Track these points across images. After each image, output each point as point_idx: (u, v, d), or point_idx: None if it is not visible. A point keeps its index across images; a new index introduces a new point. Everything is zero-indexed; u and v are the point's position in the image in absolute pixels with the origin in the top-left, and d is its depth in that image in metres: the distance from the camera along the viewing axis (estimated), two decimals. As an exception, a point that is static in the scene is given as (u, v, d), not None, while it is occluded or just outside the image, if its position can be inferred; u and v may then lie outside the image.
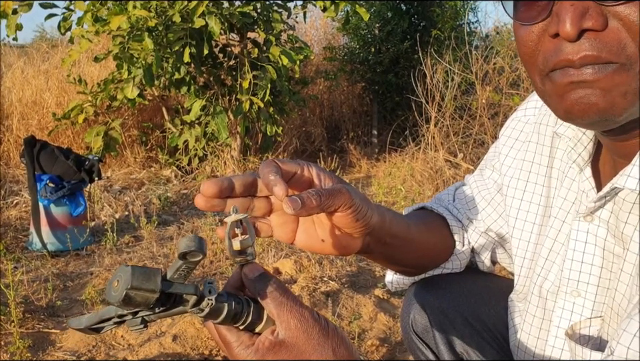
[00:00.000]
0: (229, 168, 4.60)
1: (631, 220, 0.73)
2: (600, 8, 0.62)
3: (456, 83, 4.69)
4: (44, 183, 3.07)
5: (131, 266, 0.57)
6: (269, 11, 4.49)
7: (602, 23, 0.62)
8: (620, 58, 0.62)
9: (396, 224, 0.88)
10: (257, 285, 0.66)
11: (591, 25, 0.62)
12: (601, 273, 0.80)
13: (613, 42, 0.62)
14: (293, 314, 0.64)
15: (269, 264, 2.79)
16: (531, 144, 0.95)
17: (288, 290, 0.66)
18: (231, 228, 0.66)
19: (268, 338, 0.64)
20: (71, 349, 2.09)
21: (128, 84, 4.29)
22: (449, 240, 1.04)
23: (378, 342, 2.10)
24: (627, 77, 0.63)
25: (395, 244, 0.89)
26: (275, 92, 4.69)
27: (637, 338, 0.61)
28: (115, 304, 0.58)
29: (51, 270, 2.80)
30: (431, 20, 6.15)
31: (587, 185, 0.81)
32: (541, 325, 0.90)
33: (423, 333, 1.08)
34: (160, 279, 0.58)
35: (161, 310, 0.61)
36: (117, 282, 0.57)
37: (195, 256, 0.59)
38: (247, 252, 0.67)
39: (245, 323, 0.66)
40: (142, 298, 0.57)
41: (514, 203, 0.96)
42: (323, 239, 0.79)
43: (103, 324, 0.65)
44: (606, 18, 0.62)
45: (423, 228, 0.99)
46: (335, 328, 0.66)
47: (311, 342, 0.63)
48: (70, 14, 4.37)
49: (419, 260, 1.01)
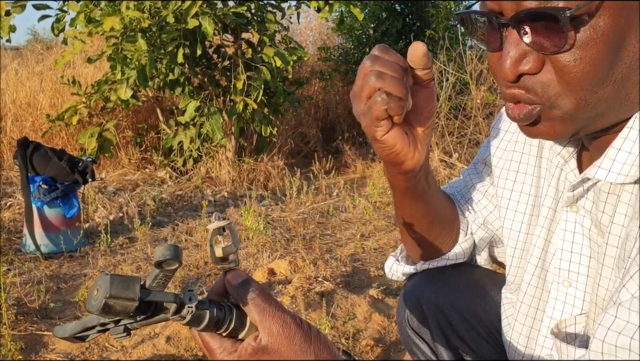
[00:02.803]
0: (223, 169, 4.59)
1: (607, 210, 0.75)
2: (537, 54, 0.68)
3: (450, 83, 4.70)
4: (37, 185, 3.05)
5: (110, 274, 0.58)
6: (262, 12, 4.49)
7: (537, 67, 0.68)
8: (542, 99, 0.69)
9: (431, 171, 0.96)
10: (239, 291, 0.67)
11: (527, 70, 0.69)
12: (589, 263, 0.80)
13: (539, 85, 0.69)
14: (275, 320, 0.65)
15: (264, 265, 2.79)
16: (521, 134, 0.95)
17: (271, 296, 0.67)
18: (213, 235, 0.67)
19: (251, 344, 0.65)
20: (64, 351, 2.08)
21: (122, 85, 4.27)
22: (458, 221, 1.06)
23: (373, 342, 2.09)
24: (550, 115, 0.70)
25: (431, 186, 0.95)
26: (269, 93, 4.68)
27: (612, 331, 0.61)
28: (95, 313, 0.58)
29: (44, 272, 2.78)
30: (425, 20, 6.16)
31: (571, 176, 0.82)
32: (535, 315, 0.90)
33: (418, 328, 1.09)
34: (139, 287, 0.58)
35: (143, 318, 0.62)
36: (97, 291, 0.58)
37: (170, 264, 0.60)
38: (230, 259, 0.68)
39: (227, 329, 0.66)
40: (121, 307, 0.58)
41: (504, 194, 0.96)
42: (407, 132, 0.82)
43: (87, 332, 0.65)
44: (543, 62, 0.68)
45: (444, 195, 1.06)
46: (317, 332, 0.67)
47: (293, 347, 0.64)
48: (63, 16, 4.36)
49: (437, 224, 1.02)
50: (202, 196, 4.25)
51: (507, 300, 0.99)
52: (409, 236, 1.04)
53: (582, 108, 0.68)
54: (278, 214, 3.79)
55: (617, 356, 0.60)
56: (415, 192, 0.92)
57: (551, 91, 0.68)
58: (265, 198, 4.11)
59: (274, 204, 4.03)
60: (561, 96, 0.68)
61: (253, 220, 3.19)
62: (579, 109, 0.68)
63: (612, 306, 0.63)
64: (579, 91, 0.67)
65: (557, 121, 0.71)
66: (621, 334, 0.60)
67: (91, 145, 4.51)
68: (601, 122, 0.71)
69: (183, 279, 2.71)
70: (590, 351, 0.63)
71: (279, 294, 2.44)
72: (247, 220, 3.21)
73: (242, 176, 4.60)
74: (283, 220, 3.67)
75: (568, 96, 0.68)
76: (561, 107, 0.69)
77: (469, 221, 1.07)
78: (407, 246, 1.09)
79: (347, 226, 3.61)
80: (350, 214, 3.84)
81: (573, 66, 0.66)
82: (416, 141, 0.83)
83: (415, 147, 0.83)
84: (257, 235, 3.13)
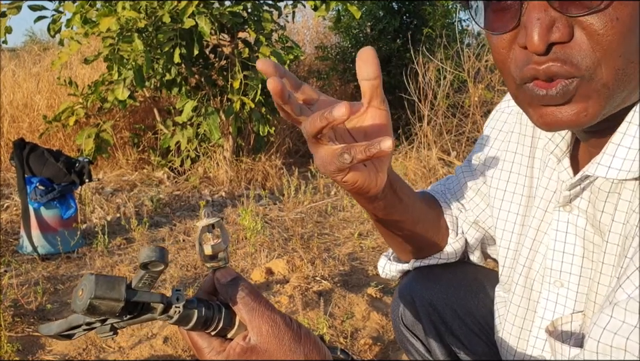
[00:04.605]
0: (221, 169, 4.58)
1: (608, 208, 0.73)
2: (566, 19, 0.63)
3: (448, 81, 4.69)
4: (34, 186, 3.04)
5: (95, 275, 0.57)
6: (259, 11, 4.48)
7: (568, 34, 0.63)
8: (580, 71, 0.63)
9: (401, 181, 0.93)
10: (228, 290, 0.66)
11: (558, 38, 0.63)
12: (582, 263, 0.80)
13: (575, 54, 0.63)
14: (264, 319, 0.64)
15: (262, 264, 2.78)
16: (514, 134, 0.95)
17: (260, 295, 0.66)
18: (202, 232, 0.66)
19: (239, 344, 0.64)
20: (61, 352, 2.07)
21: (118, 86, 4.26)
22: (444, 222, 1.05)
23: (371, 341, 2.08)
24: (588, 89, 0.64)
25: (403, 198, 0.91)
26: (266, 92, 4.67)
27: (607, 331, 0.60)
28: (79, 313, 0.58)
29: (41, 273, 2.77)
30: (423, 18, 6.15)
31: (565, 175, 0.81)
32: (525, 315, 0.90)
33: (412, 326, 1.09)
34: (124, 288, 0.58)
35: (129, 317, 0.61)
36: (82, 291, 0.58)
37: (156, 266, 0.59)
38: (219, 257, 0.67)
39: (216, 329, 0.66)
40: (106, 307, 0.57)
41: (497, 194, 0.96)
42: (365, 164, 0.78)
43: (73, 331, 0.65)
44: (572, 28, 0.63)
45: (423, 200, 1.02)
46: (307, 332, 0.66)
47: (283, 347, 0.63)
48: (59, 17, 4.34)
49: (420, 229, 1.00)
50: (200, 196, 4.25)
51: (500, 299, 0.99)
52: (393, 243, 1.04)
53: (619, 79, 0.63)
54: (276, 214, 3.78)
55: (612, 356, 0.59)
56: (386, 209, 0.90)
57: (588, 60, 0.63)
58: (263, 197, 4.10)
59: (272, 204, 4.02)
60: (600, 66, 0.63)
61: (251, 220, 3.19)
62: (616, 80, 0.63)
63: (608, 305, 0.62)
64: (616, 58, 0.62)
65: (592, 98, 0.65)
66: (616, 335, 0.59)
67: (88, 146, 4.50)
68: (624, 103, 0.67)
69: (180, 279, 2.70)
70: (585, 351, 0.62)
71: (277, 293, 2.43)
72: (244, 219, 3.20)
73: (240, 175, 4.59)
74: (280, 219, 3.66)
75: (605, 65, 0.63)
76: (599, 78, 0.63)
77: (459, 220, 1.06)
78: (394, 251, 1.09)
79: (345, 225, 3.61)
80: (348, 213, 3.83)
81: (610, 28, 0.61)
82: (376, 168, 0.79)
83: (375, 175, 0.79)
84: (254, 235, 3.12)
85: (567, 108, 0.66)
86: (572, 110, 0.66)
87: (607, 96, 0.64)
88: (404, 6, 6.23)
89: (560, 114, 0.66)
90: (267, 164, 4.67)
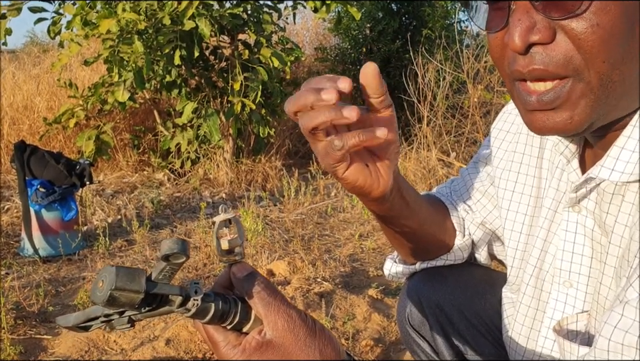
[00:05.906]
0: (221, 171, 4.59)
1: (612, 210, 0.74)
2: (548, 21, 0.65)
3: (447, 82, 4.69)
4: (35, 188, 3.05)
5: (116, 266, 0.57)
6: (259, 13, 4.48)
7: (549, 36, 0.65)
8: (567, 71, 0.65)
9: (407, 183, 0.93)
10: (244, 284, 0.66)
11: (538, 39, 0.65)
12: (591, 263, 0.80)
13: (559, 56, 0.65)
14: (280, 314, 0.64)
15: (263, 266, 2.78)
16: (522, 135, 0.95)
17: (276, 290, 0.66)
18: (219, 227, 0.66)
19: (255, 338, 0.64)
20: (63, 354, 2.08)
21: (119, 88, 4.27)
22: (451, 224, 1.05)
23: (372, 342, 2.09)
24: (582, 90, 0.66)
25: (409, 201, 0.91)
26: (266, 94, 4.68)
27: (618, 329, 0.60)
28: (99, 304, 0.58)
29: (42, 276, 2.78)
30: (422, 19, 6.16)
31: (574, 176, 0.81)
32: (535, 315, 0.90)
33: (419, 326, 1.09)
34: (145, 280, 0.58)
35: (147, 309, 0.61)
36: (102, 283, 0.58)
37: (177, 258, 0.59)
38: (235, 252, 0.67)
39: (232, 323, 0.66)
40: (126, 299, 0.57)
41: (505, 195, 0.96)
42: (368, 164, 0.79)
43: (91, 323, 0.65)
44: (554, 31, 0.65)
45: (429, 203, 1.02)
46: (322, 328, 0.66)
47: (298, 342, 0.64)
48: (59, 18, 4.35)
49: (426, 232, 1.00)
50: (200, 197, 4.25)
51: (508, 300, 0.99)
52: (399, 246, 1.04)
53: (604, 85, 0.65)
54: (276, 215, 3.79)
55: (622, 354, 0.60)
56: (392, 211, 0.90)
57: (575, 61, 0.64)
58: (263, 199, 4.10)
59: (272, 205, 4.03)
60: (586, 68, 0.64)
61: (252, 221, 3.19)
62: (601, 86, 0.65)
63: (618, 304, 0.62)
64: (600, 63, 0.63)
65: (578, 106, 0.66)
66: (627, 333, 0.59)
67: (88, 148, 4.50)
68: (615, 111, 0.68)
69: (182, 281, 2.70)
70: (595, 349, 0.63)
71: (278, 295, 2.43)
72: (245, 221, 3.20)
73: (240, 177, 4.60)
74: (281, 220, 3.67)
75: (590, 68, 0.64)
76: (586, 80, 0.65)
77: (466, 222, 1.06)
78: (400, 254, 1.09)
79: (346, 226, 3.61)
80: (348, 214, 3.84)
81: (591, 33, 0.62)
82: (378, 171, 0.80)
83: (377, 177, 0.79)
84: (255, 236, 3.13)
85: (554, 114, 0.68)
86: (558, 118, 0.68)
87: (593, 101, 0.66)
88: (403, 8, 6.23)
89: (547, 121, 0.69)
90: (267, 166, 4.67)
